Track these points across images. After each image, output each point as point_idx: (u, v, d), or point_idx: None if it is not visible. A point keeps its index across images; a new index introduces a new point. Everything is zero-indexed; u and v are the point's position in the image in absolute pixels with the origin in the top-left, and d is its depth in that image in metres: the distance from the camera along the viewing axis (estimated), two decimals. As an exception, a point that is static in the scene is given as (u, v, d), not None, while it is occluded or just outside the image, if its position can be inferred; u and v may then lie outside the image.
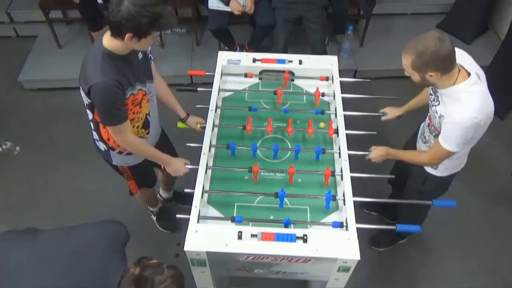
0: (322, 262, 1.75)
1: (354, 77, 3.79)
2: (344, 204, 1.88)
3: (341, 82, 2.39)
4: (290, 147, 2.14)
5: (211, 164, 2.07)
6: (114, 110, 1.72)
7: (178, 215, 1.89)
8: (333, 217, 1.90)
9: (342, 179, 1.98)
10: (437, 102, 1.87)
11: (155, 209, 2.75)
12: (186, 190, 1.95)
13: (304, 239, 1.72)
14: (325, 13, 3.47)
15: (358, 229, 1.78)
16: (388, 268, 2.68)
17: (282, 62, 2.46)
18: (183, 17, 3.92)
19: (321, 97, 2.33)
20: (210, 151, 2.07)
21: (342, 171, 1.98)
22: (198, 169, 1.98)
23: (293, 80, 2.47)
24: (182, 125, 2.30)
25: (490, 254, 2.76)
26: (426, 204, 2.05)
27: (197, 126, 2.27)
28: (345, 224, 1.82)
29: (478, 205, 2.99)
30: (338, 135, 2.14)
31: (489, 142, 3.24)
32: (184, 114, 2.27)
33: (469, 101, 1.70)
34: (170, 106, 2.24)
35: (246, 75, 2.41)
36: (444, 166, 2.03)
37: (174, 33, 4.06)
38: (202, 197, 1.91)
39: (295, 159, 2.09)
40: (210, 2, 3.33)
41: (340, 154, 2.05)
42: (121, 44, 1.63)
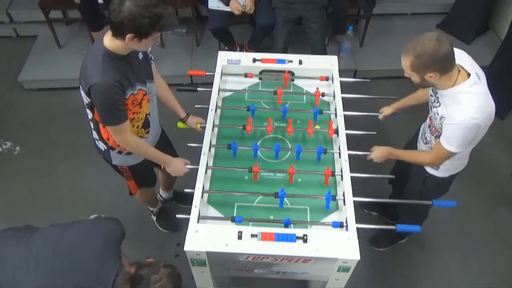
0: (322, 262, 1.75)
1: (354, 77, 3.79)
2: (344, 204, 1.88)
3: (341, 82, 2.39)
4: (290, 147, 2.15)
5: (211, 164, 2.07)
6: (114, 110, 1.72)
7: (178, 215, 1.89)
8: (333, 217, 1.90)
9: (342, 179, 1.98)
10: (437, 103, 1.87)
11: (155, 209, 2.75)
12: (186, 190, 1.94)
13: (304, 239, 1.72)
14: (325, 13, 3.47)
15: (358, 229, 1.78)
16: (388, 268, 2.68)
17: (282, 62, 2.46)
18: (183, 17, 3.92)
19: (321, 97, 2.33)
20: (210, 151, 2.07)
21: (342, 171, 1.98)
22: (198, 169, 1.98)
23: (293, 80, 2.47)
24: (182, 125, 2.30)
25: (490, 254, 2.76)
26: (426, 204, 2.05)
27: (197, 126, 2.27)
28: (345, 224, 1.82)
29: (478, 205, 2.99)
30: (338, 135, 2.14)
31: (489, 142, 3.24)
32: (184, 114, 2.27)
33: (469, 102, 1.70)
34: (170, 106, 2.24)
35: (246, 75, 2.41)
36: (445, 167, 2.02)
37: (174, 33, 4.06)
38: (202, 197, 1.91)
39: (296, 159, 2.08)
40: (210, 2, 3.33)
41: (340, 154, 2.05)
42: (122, 44, 1.64)
